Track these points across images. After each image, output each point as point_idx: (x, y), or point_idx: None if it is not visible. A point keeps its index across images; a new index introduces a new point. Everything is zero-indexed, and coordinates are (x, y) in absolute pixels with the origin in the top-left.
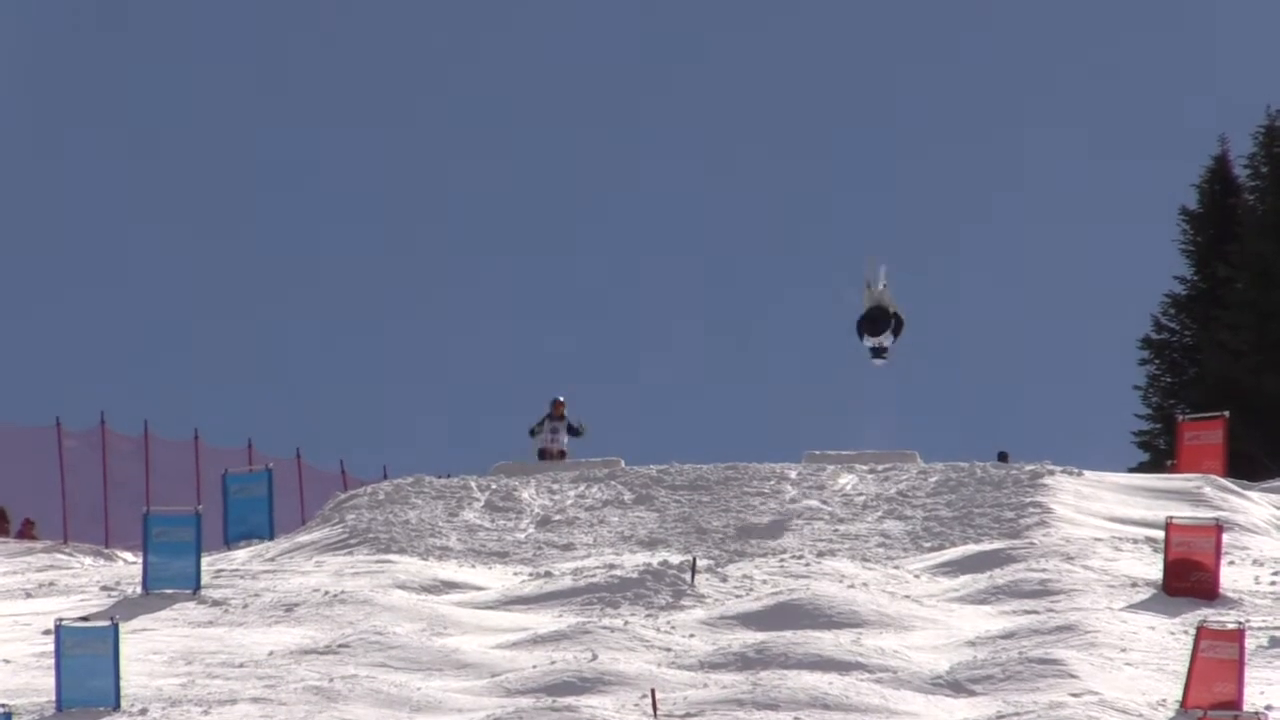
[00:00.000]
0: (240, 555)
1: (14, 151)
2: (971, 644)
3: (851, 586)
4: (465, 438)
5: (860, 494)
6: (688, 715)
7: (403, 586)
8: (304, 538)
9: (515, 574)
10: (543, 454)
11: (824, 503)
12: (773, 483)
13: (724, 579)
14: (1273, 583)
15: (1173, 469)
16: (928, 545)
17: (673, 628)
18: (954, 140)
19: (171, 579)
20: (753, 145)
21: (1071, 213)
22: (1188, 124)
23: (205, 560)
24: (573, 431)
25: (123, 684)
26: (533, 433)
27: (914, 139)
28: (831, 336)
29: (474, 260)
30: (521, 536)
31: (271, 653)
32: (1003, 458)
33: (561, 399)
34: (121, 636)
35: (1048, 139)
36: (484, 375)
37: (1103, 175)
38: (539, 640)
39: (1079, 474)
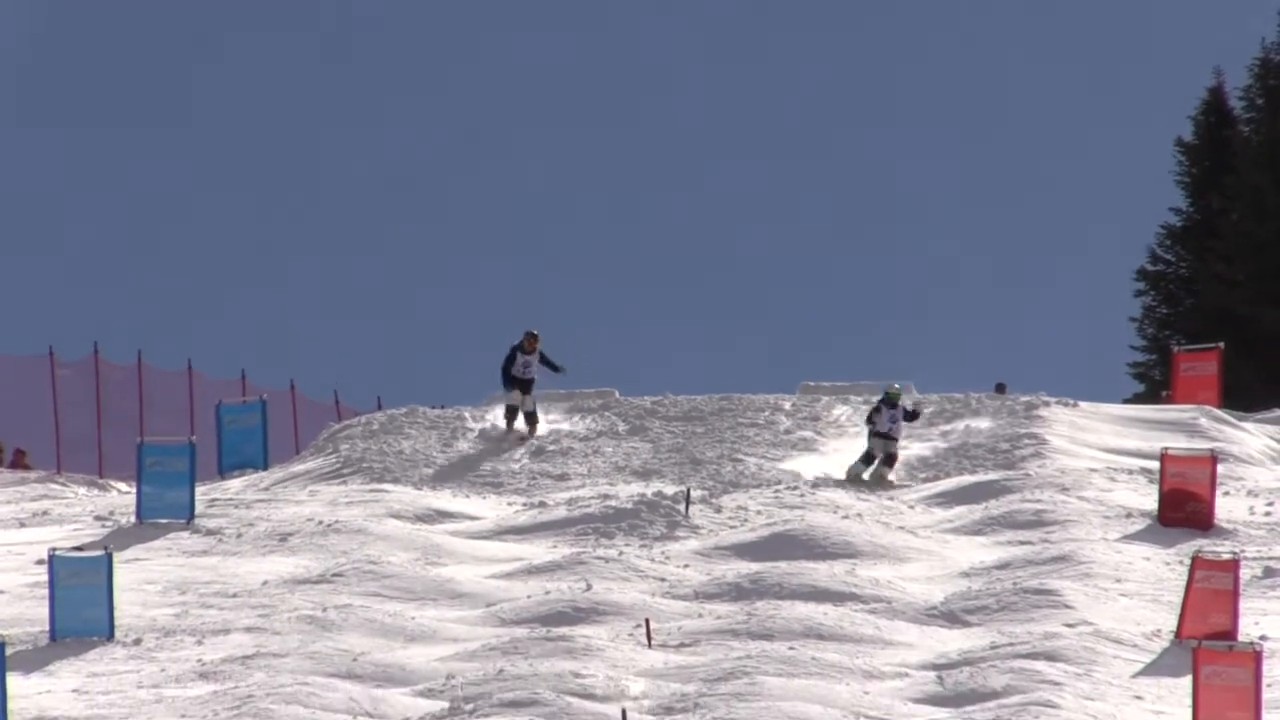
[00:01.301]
0: (234, 485)
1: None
2: (966, 575)
3: (846, 517)
4: (459, 368)
5: (855, 425)
6: (682, 645)
7: (397, 516)
8: (298, 468)
9: (509, 504)
10: (511, 380)
11: (818, 434)
12: (767, 414)
13: (718, 509)
14: (1267, 513)
15: (1168, 400)
16: (922, 476)
17: (667, 558)
18: (953, 74)
19: (165, 509)
20: (751, 95)
21: (1068, 145)
22: (1183, 56)
23: (199, 490)
24: (550, 365)
25: (116, 614)
26: (506, 372)
27: (912, 68)
28: (827, 268)
29: (471, 193)
30: (515, 467)
31: (265, 582)
32: (1000, 389)
33: (535, 332)
34: (115, 566)
35: (1045, 70)
36: (479, 307)
37: (1099, 107)
38: (534, 570)
39: (1074, 405)
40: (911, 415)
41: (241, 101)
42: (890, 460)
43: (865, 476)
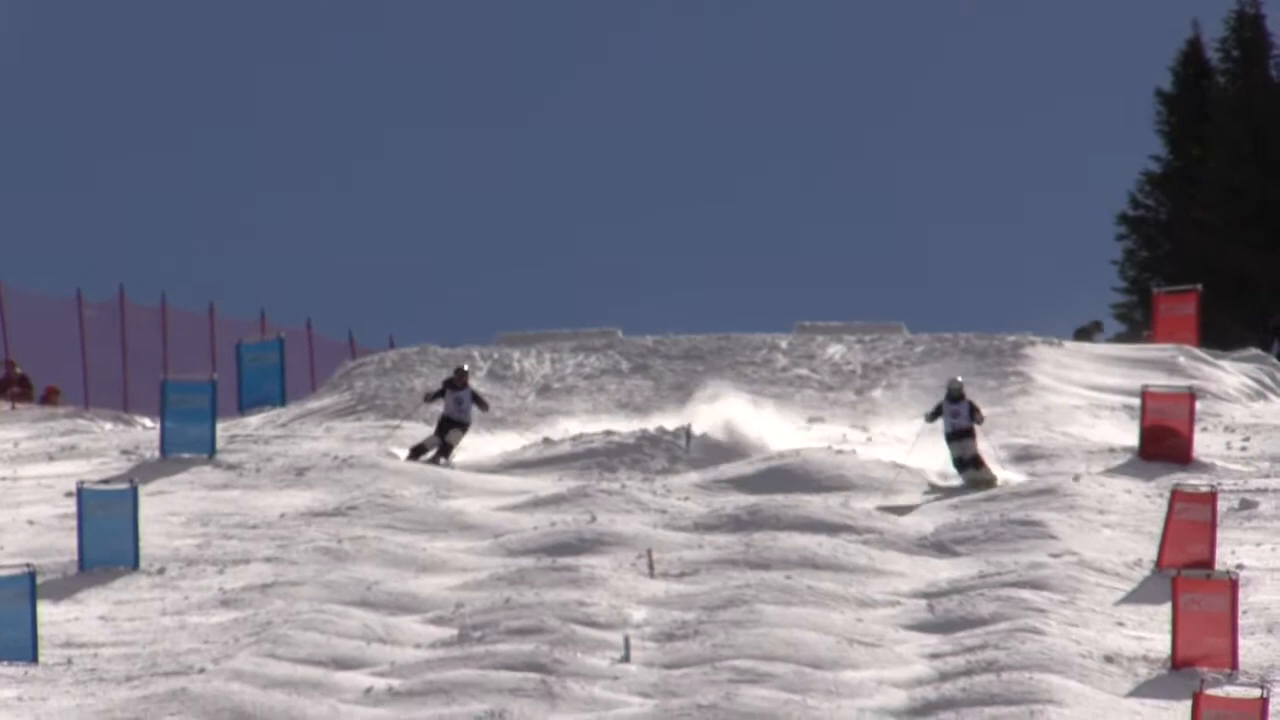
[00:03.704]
0: (253, 421)
1: (36, 26)
2: (955, 507)
3: (840, 452)
4: (470, 307)
5: (848, 363)
6: (683, 574)
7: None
8: (314, 404)
9: (517, 439)
10: (446, 421)
11: (813, 371)
12: (764, 352)
13: (717, 444)
14: (1243, 448)
15: (1149, 340)
16: (913, 413)
17: (668, 491)
18: (942, 23)
19: (188, 444)
20: (742, 36)
21: (1053, 95)
22: (1162, 9)
23: (220, 426)
24: (478, 403)
25: (141, 544)
26: (428, 398)
27: (909, 20)
28: (822, 213)
29: (477, 133)
30: (522, 404)
31: (283, 515)
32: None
33: (466, 368)
34: (140, 499)
35: (1032, 23)
36: (488, 246)
37: (1083, 59)
38: (540, 503)
39: (1059, 344)
40: (977, 418)
41: (245, 47)
42: (976, 462)
43: (966, 481)
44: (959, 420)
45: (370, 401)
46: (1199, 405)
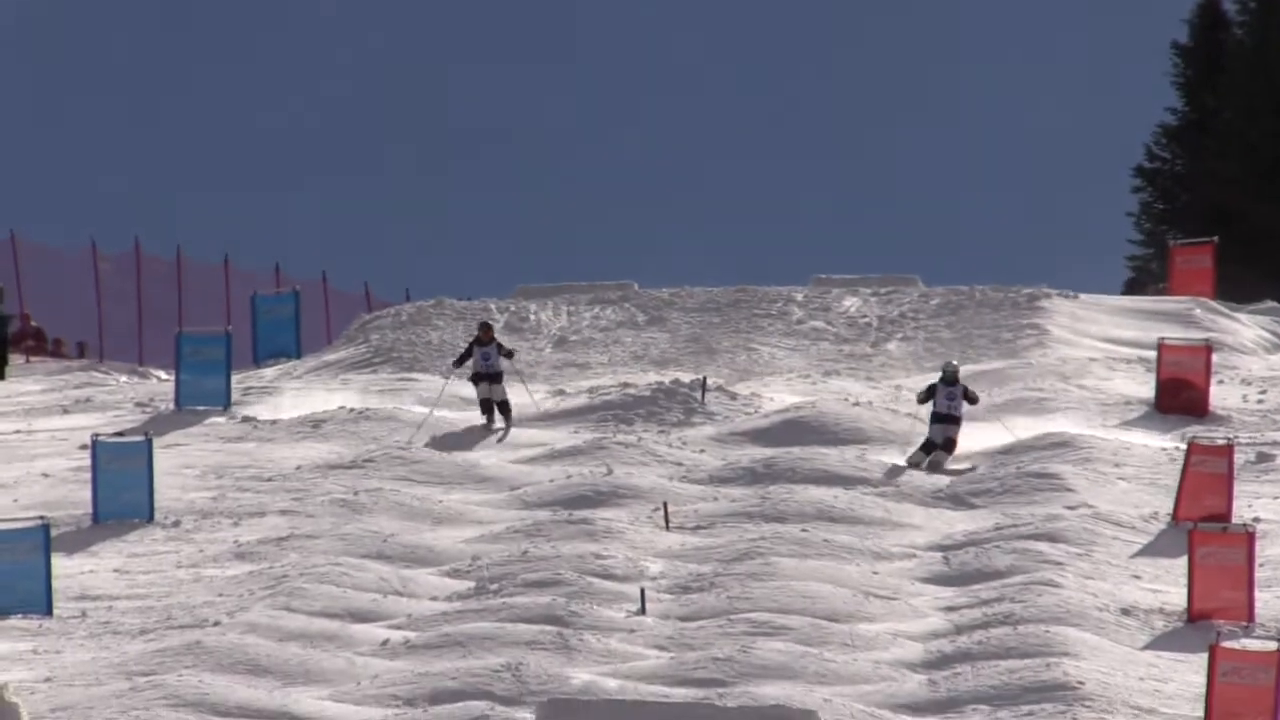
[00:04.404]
0: (269, 373)
1: None
2: (970, 459)
3: (856, 404)
4: (486, 260)
5: (864, 316)
6: (699, 527)
7: (425, 404)
8: (330, 357)
9: (533, 392)
10: (477, 377)
11: (829, 324)
12: (780, 305)
13: (733, 397)
14: (1260, 400)
15: (1165, 292)
16: (929, 365)
17: (684, 443)
18: None
19: (203, 396)
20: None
21: (1070, 47)
22: None
23: (235, 378)
24: (504, 352)
25: (156, 497)
26: (458, 362)
27: None
28: (835, 167)
29: (494, 82)
30: (539, 356)
31: (299, 467)
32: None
33: (489, 322)
34: (155, 451)
35: None
36: (504, 200)
37: (1099, 8)
38: (556, 455)
39: (1074, 297)
40: (971, 398)
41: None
42: (949, 445)
43: (924, 467)
44: (953, 404)
45: (387, 354)
46: (1215, 358)
